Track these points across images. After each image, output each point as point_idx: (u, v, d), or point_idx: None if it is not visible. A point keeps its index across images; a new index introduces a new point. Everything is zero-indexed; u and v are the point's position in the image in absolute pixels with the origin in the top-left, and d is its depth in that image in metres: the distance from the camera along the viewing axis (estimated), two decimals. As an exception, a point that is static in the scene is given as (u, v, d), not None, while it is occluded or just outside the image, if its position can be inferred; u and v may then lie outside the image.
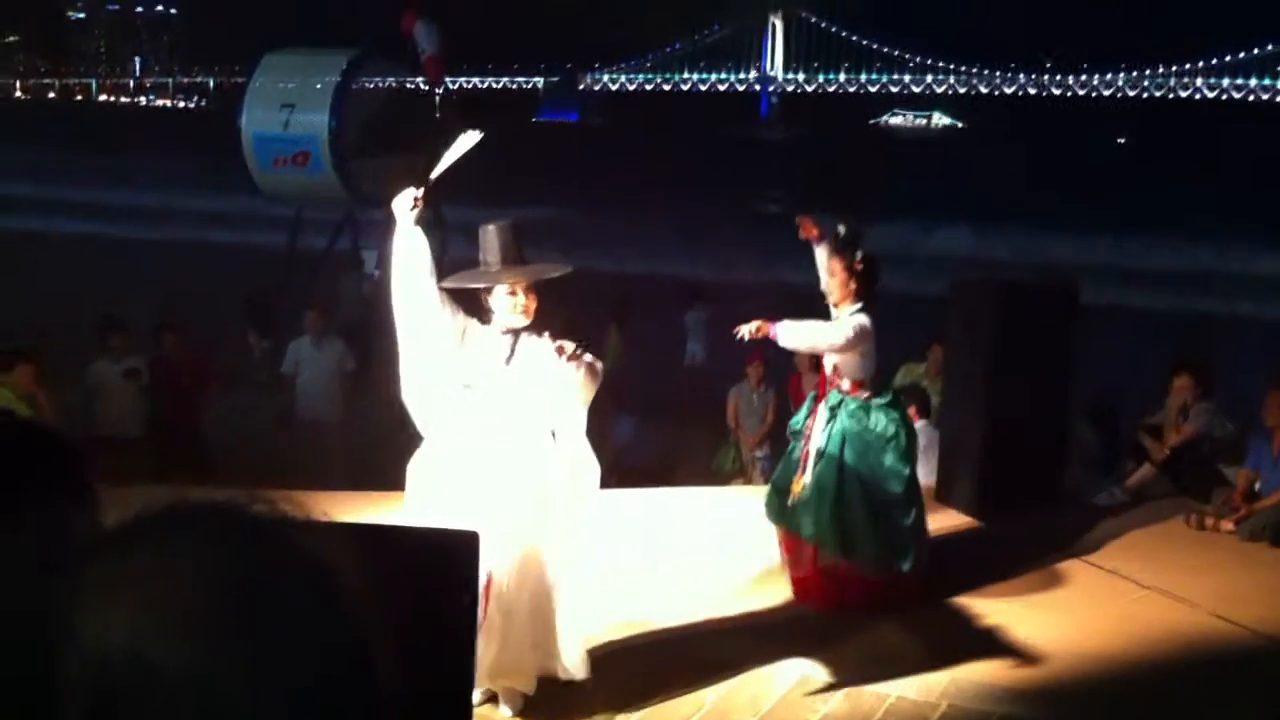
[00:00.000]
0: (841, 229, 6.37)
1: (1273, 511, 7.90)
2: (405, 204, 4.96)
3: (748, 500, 8.68)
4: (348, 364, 10.85)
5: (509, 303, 4.97)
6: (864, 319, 6.29)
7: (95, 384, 10.01)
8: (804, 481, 6.34)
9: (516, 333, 4.99)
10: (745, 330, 6.27)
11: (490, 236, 4.99)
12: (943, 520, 7.88)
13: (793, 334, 6.34)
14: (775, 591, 6.60)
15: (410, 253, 4.91)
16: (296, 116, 19.38)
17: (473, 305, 5.06)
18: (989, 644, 5.99)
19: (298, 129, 19.36)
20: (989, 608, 6.46)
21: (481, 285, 5.01)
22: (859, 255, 6.35)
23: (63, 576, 0.73)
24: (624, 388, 11.44)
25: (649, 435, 11.54)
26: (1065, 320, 8.61)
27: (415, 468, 4.99)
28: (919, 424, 8.95)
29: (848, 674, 5.56)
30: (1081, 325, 8.82)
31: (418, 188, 5.04)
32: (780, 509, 6.50)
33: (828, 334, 6.35)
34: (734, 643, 5.93)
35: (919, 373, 10.07)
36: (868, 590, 6.29)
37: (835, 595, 6.32)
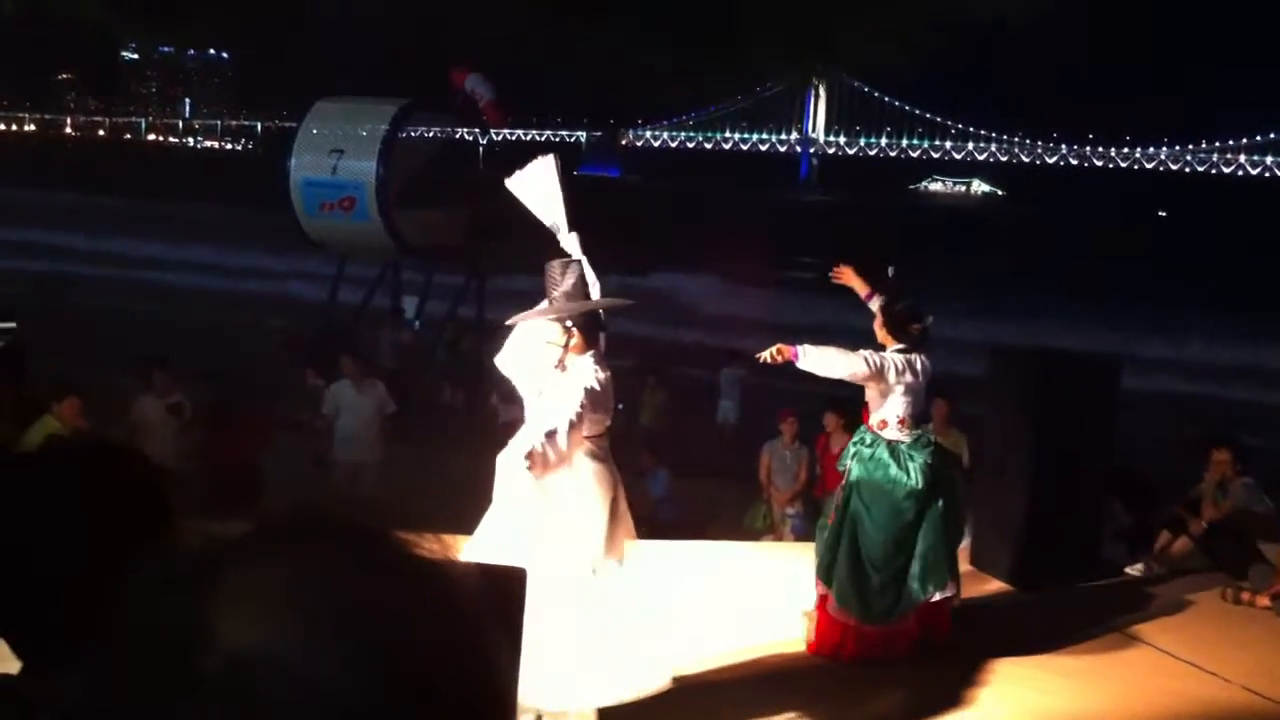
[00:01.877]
0: (891, 269, 6.52)
1: (1310, 589, 7.84)
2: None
3: (778, 556, 8.69)
4: (388, 407, 10.98)
5: (554, 336, 5.15)
6: (896, 357, 6.36)
7: (139, 419, 10.13)
8: (826, 517, 6.53)
9: (563, 365, 5.18)
10: (766, 355, 6.29)
11: (554, 267, 5.18)
12: (979, 587, 7.87)
13: (812, 357, 6.28)
14: (803, 648, 6.60)
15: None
16: (344, 163, 19.69)
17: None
18: (1019, 710, 5.96)
19: (345, 175, 19.66)
20: (1022, 675, 6.44)
21: (533, 317, 5.18)
22: (900, 303, 6.48)
23: (197, 577, 0.76)
24: (661, 442, 11.50)
25: (683, 490, 11.58)
26: (1106, 394, 8.63)
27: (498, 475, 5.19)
28: None
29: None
30: (1119, 401, 8.84)
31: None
32: (827, 570, 6.60)
33: (848, 361, 6.34)
34: (761, 697, 5.93)
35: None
36: (845, 634, 6.36)
37: (850, 647, 6.38)
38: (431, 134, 22.74)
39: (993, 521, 8.43)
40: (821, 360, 6.32)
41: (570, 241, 5.38)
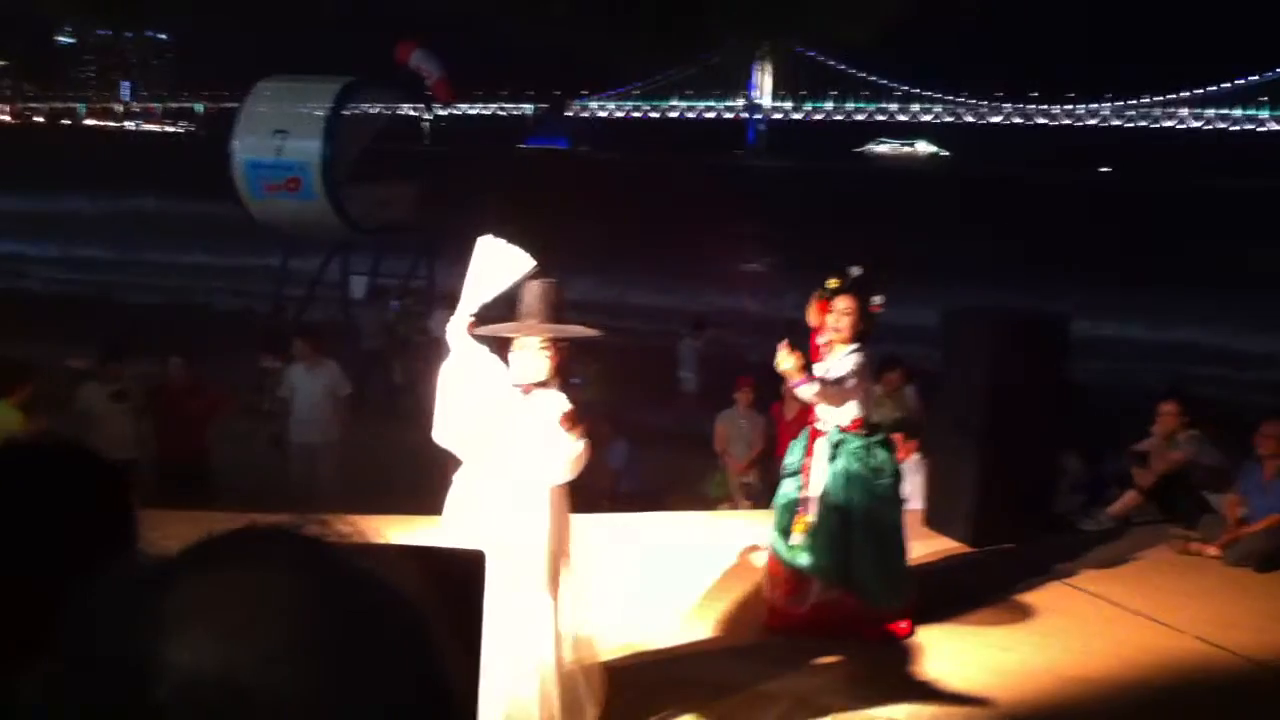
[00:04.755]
0: (857, 270, 6.45)
1: (1258, 538, 8.00)
2: (459, 331, 5.09)
3: (733, 525, 8.75)
4: (343, 389, 10.90)
5: (528, 358, 5.07)
6: (862, 358, 6.37)
7: (85, 408, 10.01)
8: (808, 520, 6.39)
9: (529, 387, 5.10)
10: (793, 361, 6.20)
11: (530, 293, 5.10)
12: (934, 546, 7.96)
13: (810, 390, 6.27)
14: (758, 615, 6.65)
15: (464, 377, 5.07)
16: (289, 143, 19.45)
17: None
18: (978, 667, 6.04)
19: (290, 155, 19.42)
20: (979, 632, 6.53)
21: (505, 334, 5.11)
22: (875, 298, 6.44)
23: (145, 601, 0.75)
24: (619, 414, 11.50)
25: (642, 460, 11.61)
26: (1057, 350, 8.72)
27: (450, 496, 5.15)
28: (914, 457, 9.07)
29: (838, 696, 5.61)
30: (1072, 355, 8.95)
31: (469, 315, 5.12)
32: (785, 548, 6.53)
33: (840, 385, 6.32)
34: (725, 665, 5.98)
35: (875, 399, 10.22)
36: (865, 624, 6.35)
37: (833, 628, 6.38)
38: (376, 111, 22.54)
39: (946, 481, 8.51)
40: (818, 390, 6.25)
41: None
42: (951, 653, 6.23)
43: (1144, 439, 9.42)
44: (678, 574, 7.37)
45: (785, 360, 6.11)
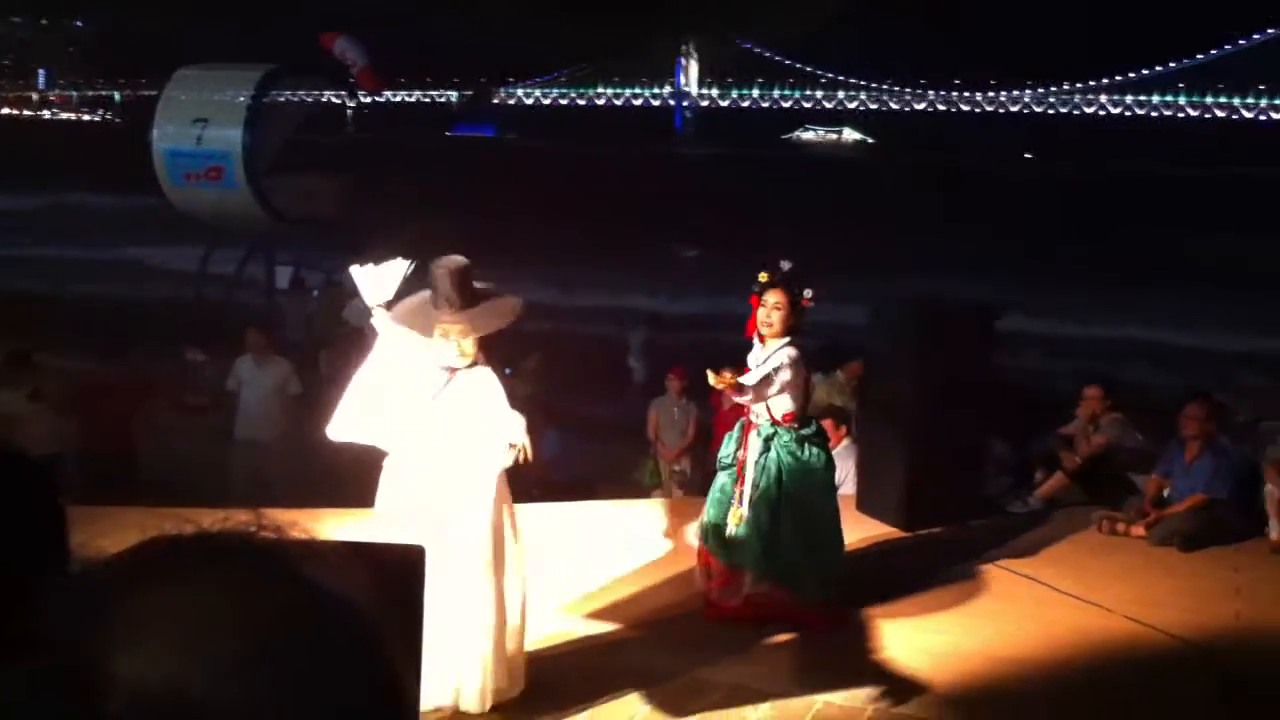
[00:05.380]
0: (787, 264, 6.47)
1: (1182, 518, 8.15)
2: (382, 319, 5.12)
3: (666, 513, 8.76)
4: (292, 386, 10.72)
5: (449, 345, 5.03)
6: (795, 352, 6.39)
7: (4, 414, 9.80)
8: (741, 513, 6.40)
9: (453, 370, 5.06)
10: (723, 383, 6.23)
11: (441, 275, 5.04)
12: (865, 531, 8.02)
13: (744, 398, 6.34)
14: (691, 602, 6.66)
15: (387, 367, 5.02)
16: (210, 132, 19.19)
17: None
18: (912, 650, 6.10)
19: (211, 144, 19.19)
20: (912, 616, 6.59)
21: (422, 332, 5.06)
22: (807, 291, 6.46)
23: (96, 611, 0.73)
24: (551, 403, 11.46)
25: (575, 450, 11.58)
26: (983, 338, 8.82)
27: (382, 482, 5.12)
28: (844, 443, 9.13)
29: (774, 682, 5.64)
30: (997, 342, 9.07)
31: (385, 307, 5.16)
32: (718, 541, 6.53)
33: (776, 381, 6.35)
34: (661, 654, 5.98)
35: (837, 388, 10.30)
36: (798, 618, 6.37)
37: (766, 619, 6.38)
38: (299, 99, 22.28)
39: (877, 466, 8.58)
40: (756, 390, 6.32)
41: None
42: (885, 637, 6.28)
43: (1068, 423, 9.57)
44: (611, 562, 7.35)
45: (715, 382, 6.15)
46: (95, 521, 1.46)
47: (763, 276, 6.47)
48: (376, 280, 5.28)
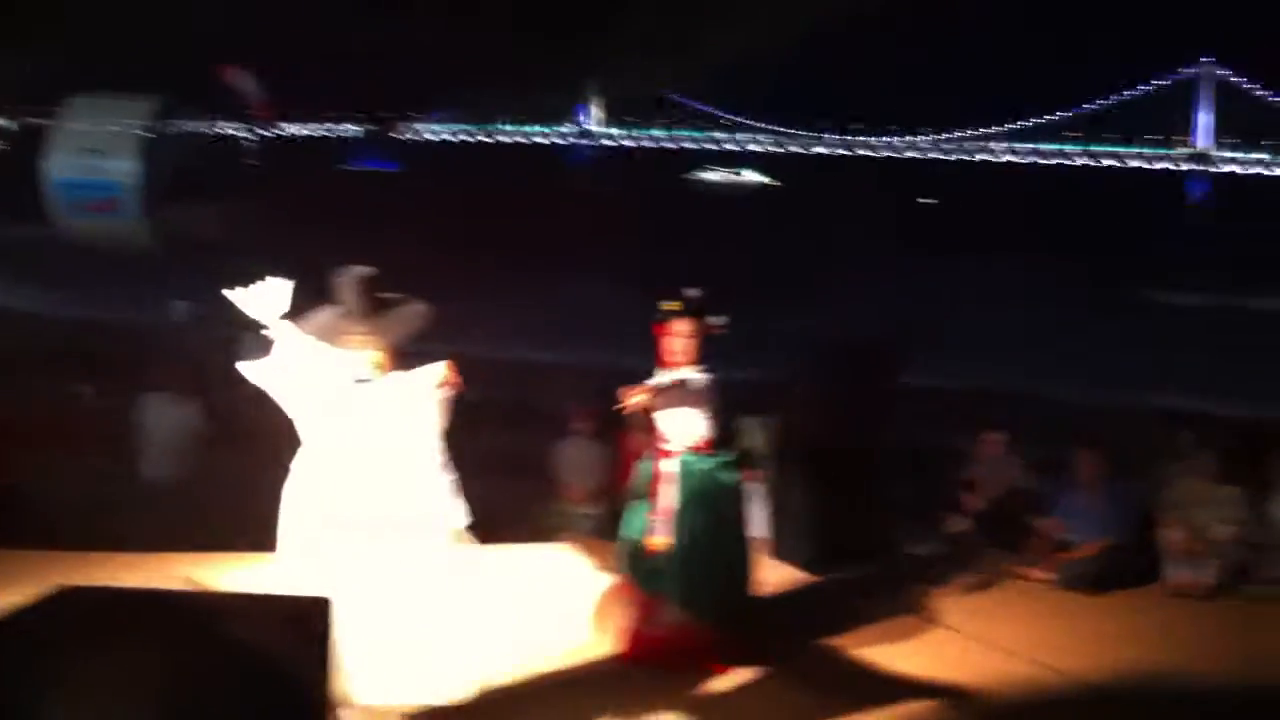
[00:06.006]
0: (693, 292, 6.45)
1: (1089, 561, 8.28)
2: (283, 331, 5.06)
3: (573, 557, 8.67)
4: (198, 425, 10.47)
5: (359, 356, 4.97)
6: (709, 378, 6.39)
7: None
8: (657, 541, 6.34)
9: (365, 382, 4.99)
10: (634, 402, 6.21)
11: (349, 285, 4.98)
12: (777, 575, 8.00)
13: (659, 397, 6.34)
14: (606, 648, 6.58)
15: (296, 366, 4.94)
16: (103, 163, 18.80)
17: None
18: (820, 694, 6.07)
19: (104, 175, 18.80)
20: (821, 659, 6.59)
21: (331, 342, 4.99)
22: (715, 319, 6.45)
23: (23, 668, 0.69)
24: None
25: (472, 491, 11.39)
26: (889, 378, 8.91)
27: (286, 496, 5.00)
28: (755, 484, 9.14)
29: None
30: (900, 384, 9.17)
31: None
32: (637, 568, 6.46)
33: (690, 393, 6.35)
34: (574, 699, 5.89)
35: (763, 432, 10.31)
36: (711, 648, 6.31)
37: (678, 653, 6.31)
38: (193, 129, 21.97)
39: (787, 510, 8.59)
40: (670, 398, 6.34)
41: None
42: (791, 679, 6.24)
43: (970, 467, 9.70)
44: (516, 608, 7.23)
45: (628, 401, 6.12)
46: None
47: (670, 305, 6.43)
48: (261, 298, 5.18)
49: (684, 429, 6.42)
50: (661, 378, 6.50)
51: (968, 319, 29.20)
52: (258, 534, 5.45)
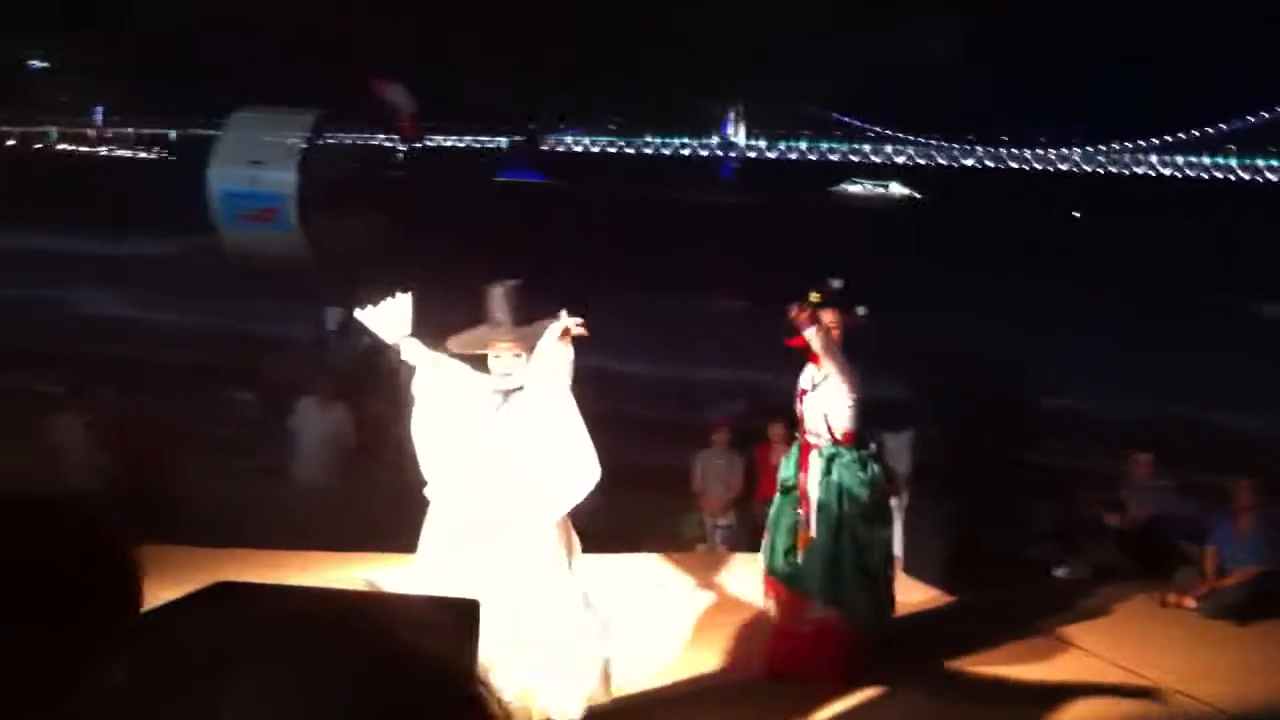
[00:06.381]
0: (836, 282, 6.44)
1: (1237, 590, 8.02)
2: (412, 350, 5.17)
3: (710, 567, 8.70)
4: (348, 433, 10.83)
5: (503, 363, 5.07)
6: (853, 369, 6.37)
7: (55, 441, 9.92)
8: (809, 536, 6.34)
9: (507, 393, 5.08)
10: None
11: (494, 295, 5.10)
12: (910, 593, 7.93)
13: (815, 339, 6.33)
14: (742, 657, 6.59)
15: (436, 386, 5.04)
16: (264, 173, 19.46)
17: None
18: (950, 714, 6.01)
19: (265, 186, 19.44)
20: (955, 680, 6.52)
21: (477, 350, 5.11)
22: (858, 309, 6.43)
23: (200, 684, 0.76)
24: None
25: (615, 500, 11.50)
26: (1028, 397, 8.77)
27: (427, 522, 5.11)
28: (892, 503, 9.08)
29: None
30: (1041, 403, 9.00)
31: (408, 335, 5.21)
32: (784, 567, 6.47)
33: (843, 394, 6.36)
34: (702, 711, 5.93)
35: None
36: (850, 651, 6.29)
37: (817, 656, 6.30)
38: (350, 142, 22.62)
39: (922, 528, 8.51)
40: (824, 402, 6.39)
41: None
42: (924, 699, 6.20)
43: (1118, 489, 9.47)
44: (655, 618, 7.31)
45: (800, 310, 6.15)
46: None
47: (814, 296, 6.41)
48: (386, 317, 5.33)
49: (827, 422, 6.41)
50: (804, 381, 6.51)
51: (1112, 339, 28.38)
52: (401, 536, 5.59)
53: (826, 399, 6.36)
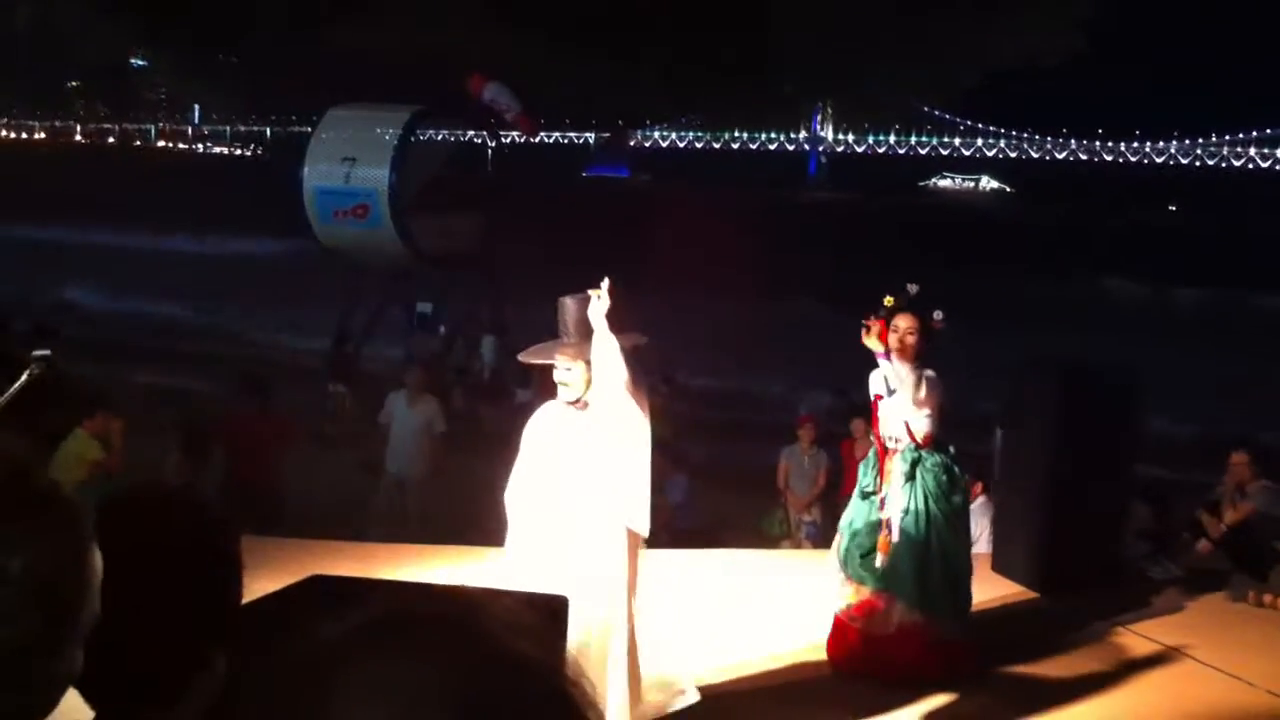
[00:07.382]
0: (914, 287, 6.43)
1: (1335, 592, 7.85)
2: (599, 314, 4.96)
3: (795, 564, 8.72)
4: (437, 426, 10.96)
5: (564, 376, 5.06)
6: (934, 374, 6.35)
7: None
8: (890, 540, 6.35)
9: (576, 403, 5.08)
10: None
11: (566, 309, 5.08)
12: (999, 591, 7.88)
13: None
14: (822, 656, 6.60)
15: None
16: (358, 170, 19.74)
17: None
18: (1042, 716, 5.97)
19: (358, 183, 19.71)
20: (1045, 680, 6.46)
21: (543, 361, 5.12)
22: (936, 313, 6.41)
23: (318, 680, 0.80)
24: (680, 449, 11.49)
25: (702, 495, 11.58)
26: (1126, 399, 8.65)
27: (509, 541, 5.15)
28: (980, 500, 9.02)
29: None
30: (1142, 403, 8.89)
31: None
32: (865, 570, 6.49)
33: (916, 401, 6.33)
34: (783, 708, 5.95)
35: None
36: (935, 652, 6.28)
37: (901, 657, 6.30)
38: (443, 139, 22.82)
39: (1013, 525, 8.45)
40: (897, 410, 6.43)
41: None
42: (1013, 700, 6.16)
43: (1215, 488, 9.29)
44: (738, 614, 7.34)
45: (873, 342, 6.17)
46: (247, 553, 1.55)
47: (889, 301, 6.39)
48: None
49: (907, 427, 6.40)
50: (876, 385, 6.51)
51: (1207, 354, 27.49)
52: (489, 530, 5.68)
53: (904, 404, 6.35)
